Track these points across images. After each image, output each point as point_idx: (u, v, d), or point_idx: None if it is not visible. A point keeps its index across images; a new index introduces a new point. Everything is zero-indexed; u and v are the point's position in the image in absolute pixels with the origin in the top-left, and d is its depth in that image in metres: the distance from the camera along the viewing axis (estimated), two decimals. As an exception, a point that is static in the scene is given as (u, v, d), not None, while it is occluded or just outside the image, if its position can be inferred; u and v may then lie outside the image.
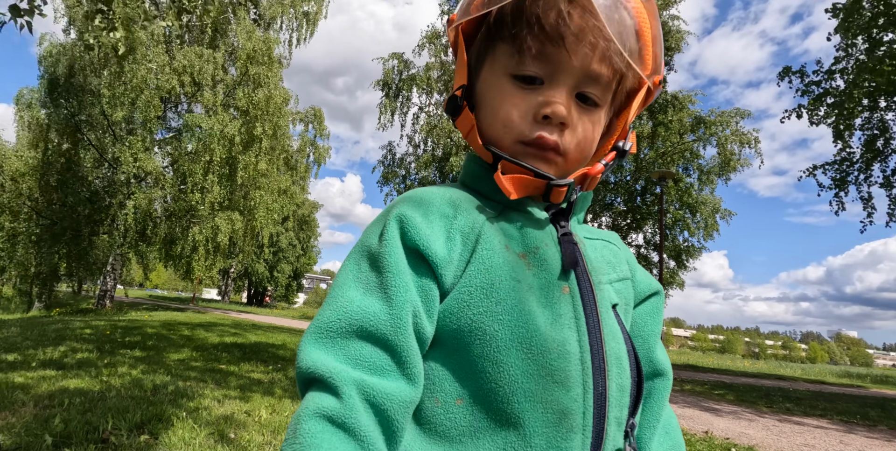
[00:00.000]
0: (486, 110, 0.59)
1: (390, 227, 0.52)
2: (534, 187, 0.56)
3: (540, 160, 0.56)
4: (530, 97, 0.55)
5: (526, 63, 0.55)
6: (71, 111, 14.26)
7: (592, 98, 0.56)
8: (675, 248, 16.50)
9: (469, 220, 0.55)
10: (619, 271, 0.63)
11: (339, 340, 0.46)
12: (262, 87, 14.54)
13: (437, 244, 0.52)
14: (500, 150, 0.57)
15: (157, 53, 13.63)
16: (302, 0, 17.24)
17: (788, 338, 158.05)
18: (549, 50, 0.53)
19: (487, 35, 0.60)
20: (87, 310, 15.91)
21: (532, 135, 0.55)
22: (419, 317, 0.49)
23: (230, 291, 38.17)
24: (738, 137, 15.53)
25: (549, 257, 0.55)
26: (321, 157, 20.61)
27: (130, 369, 5.32)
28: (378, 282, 0.49)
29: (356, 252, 0.54)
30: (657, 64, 0.58)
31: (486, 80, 0.59)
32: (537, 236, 0.56)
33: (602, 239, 0.67)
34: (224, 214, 14.75)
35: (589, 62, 0.54)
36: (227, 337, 9.46)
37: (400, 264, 0.50)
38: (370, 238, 0.53)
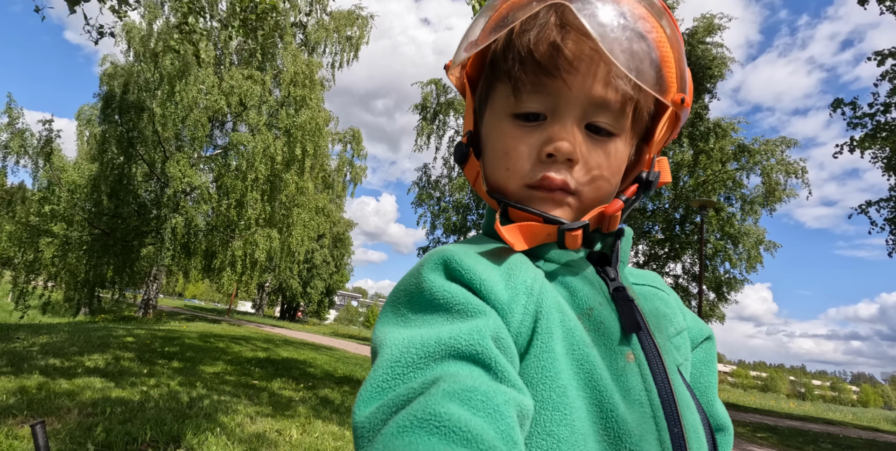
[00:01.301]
0: (490, 155, 0.55)
1: (429, 269, 0.45)
2: (545, 235, 0.51)
3: (549, 203, 0.51)
4: (533, 136, 0.51)
5: (524, 99, 0.51)
6: (125, 128, 15.07)
7: (605, 127, 0.51)
8: (716, 279, 15.95)
9: (529, 272, 0.48)
10: (675, 324, 0.57)
11: (411, 374, 0.37)
12: (304, 108, 15.06)
13: (496, 286, 0.44)
14: (506, 196, 0.53)
15: (208, 75, 14.33)
16: (345, 25, 17.92)
17: (838, 379, 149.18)
18: (547, 82, 0.49)
19: (486, 76, 0.57)
20: (130, 318, 16.49)
21: (537, 176, 0.50)
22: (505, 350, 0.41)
23: (264, 304, 38.88)
24: (784, 167, 15.06)
25: (606, 319, 0.48)
26: (358, 176, 21.03)
27: (168, 380, 5.47)
28: (446, 316, 0.41)
29: (389, 312, 0.45)
30: (681, 80, 0.52)
31: (487, 123, 0.56)
32: (588, 294, 0.50)
33: (648, 284, 0.60)
34: (263, 231, 15.17)
35: (592, 88, 0.49)
36: (260, 352, 9.61)
37: (459, 293, 0.43)
38: (405, 288, 0.46)
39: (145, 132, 15.01)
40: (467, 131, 0.58)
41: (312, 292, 36.24)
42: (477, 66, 0.58)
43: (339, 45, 18.13)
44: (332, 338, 20.23)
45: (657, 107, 0.55)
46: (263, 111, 15.32)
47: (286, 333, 18.84)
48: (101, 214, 15.04)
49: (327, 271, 36.62)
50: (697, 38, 14.13)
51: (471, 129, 0.58)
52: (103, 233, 15.09)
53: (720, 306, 16.33)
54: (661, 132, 0.55)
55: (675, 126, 0.56)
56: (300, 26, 16.01)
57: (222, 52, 15.49)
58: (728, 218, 15.59)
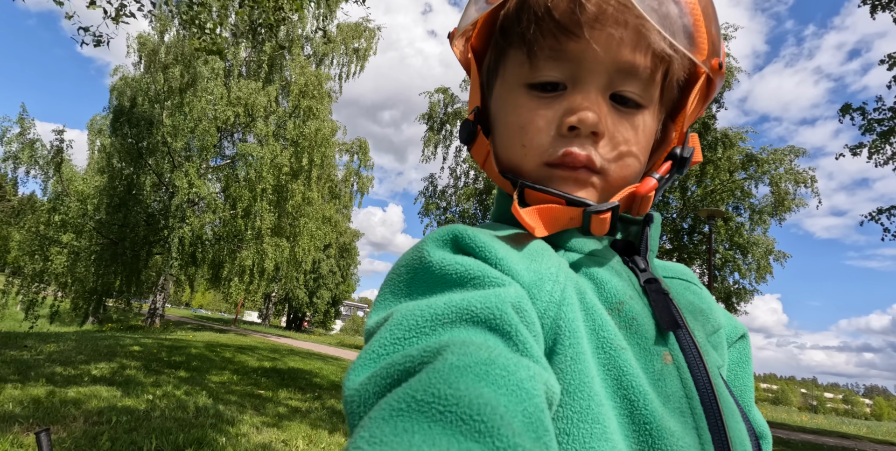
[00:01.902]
0: (502, 131, 0.49)
1: (435, 244, 0.39)
2: (568, 219, 0.45)
3: (572, 183, 0.45)
4: (552, 107, 0.45)
5: (540, 67, 0.45)
6: (135, 138, 15.25)
7: (632, 98, 0.46)
8: (725, 290, 15.79)
9: (553, 260, 0.41)
10: (712, 321, 0.50)
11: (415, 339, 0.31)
12: (311, 119, 15.20)
13: (518, 265, 0.38)
14: (522, 176, 0.47)
15: (217, 86, 14.50)
16: (353, 37, 18.14)
17: (850, 391, 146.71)
18: (568, 45, 0.44)
19: (495, 44, 0.51)
20: (137, 327, 16.53)
21: (558, 152, 0.45)
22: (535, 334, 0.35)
23: (271, 314, 38.89)
24: (793, 176, 14.97)
25: (639, 315, 0.42)
26: (364, 186, 21.13)
27: (174, 390, 5.45)
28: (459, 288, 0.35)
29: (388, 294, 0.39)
30: (713, 45, 0.47)
31: (499, 96, 0.50)
32: (617, 287, 0.43)
33: (679, 277, 0.53)
34: (271, 241, 15.22)
35: (619, 51, 0.43)
36: (266, 362, 9.58)
37: (475, 266, 0.36)
38: (403, 265, 0.40)
39: (154, 143, 15.18)
40: (474, 108, 0.52)
41: (318, 302, 36.22)
42: (483, 37, 0.52)
43: (347, 56, 18.34)
44: (338, 348, 20.16)
45: (688, 75, 0.49)
46: (271, 122, 15.47)
47: (292, 343, 18.80)
48: (111, 224, 15.16)
49: (333, 281, 36.62)
50: (703, 49, 14.15)
51: (478, 105, 0.52)
52: (112, 242, 15.20)
53: (730, 317, 16.15)
54: (693, 104, 0.49)
55: (708, 97, 0.51)
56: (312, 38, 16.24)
57: (231, 63, 15.69)
58: (737, 228, 15.47)
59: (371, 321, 0.37)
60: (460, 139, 0.53)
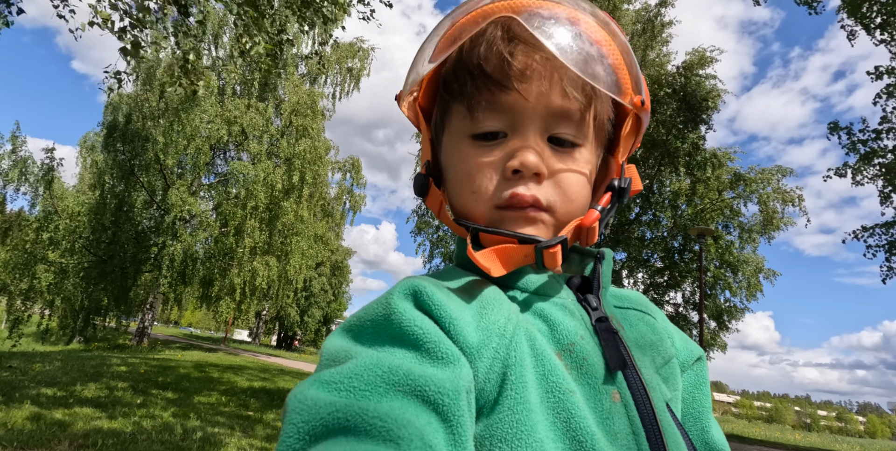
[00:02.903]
0: (453, 180, 0.52)
1: (399, 297, 0.41)
2: (522, 256, 0.47)
3: (522, 222, 0.48)
4: (494, 153, 0.49)
5: (480, 118, 0.49)
6: (128, 156, 15.24)
7: (568, 138, 0.49)
8: (717, 308, 15.85)
9: (503, 310, 0.44)
10: (663, 352, 0.52)
11: (366, 392, 0.34)
12: (304, 137, 15.29)
13: (467, 327, 0.41)
14: (475, 221, 0.50)
15: (211, 104, 14.60)
16: (347, 57, 18.39)
17: (843, 409, 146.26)
18: (502, 97, 0.48)
19: (440, 100, 0.55)
20: (124, 346, 16.27)
21: (505, 195, 0.47)
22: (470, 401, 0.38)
23: (261, 333, 38.41)
24: (781, 195, 15.20)
25: (589, 355, 0.44)
26: (357, 204, 21.16)
27: (162, 411, 5.36)
28: (416, 354, 0.37)
29: (348, 334, 0.41)
30: (636, 84, 0.51)
31: (447, 149, 0.53)
32: (569, 327, 0.46)
33: (634, 308, 0.56)
34: (262, 259, 15.15)
35: (549, 99, 0.48)
36: (256, 382, 9.45)
37: (432, 331, 0.39)
38: (368, 315, 0.41)
39: (147, 160, 15.18)
40: (426, 162, 0.55)
41: (310, 321, 35.86)
42: (428, 96, 0.56)
43: (341, 76, 18.56)
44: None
45: (617, 114, 0.54)
46: (264, 140, 15.55)
47: (283, 362, 18.55)
48: (100, 242, 15.04)
49: (325, 300, 36.33)
50: (692, 71, 14.48)
51: (429, 158, 0.55)
52: (101, 260, 15.05)
53: (721, 335, 16.17)
54: (625, 138, 0.53)
55: (639, 132, 0.55)
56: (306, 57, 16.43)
57: (225, 81, 15.82)
58: (727, 246, 15.62)
59: (333, 344, 0.40)
60: (415, 192, 0.56)
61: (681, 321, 16.16)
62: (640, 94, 0.51)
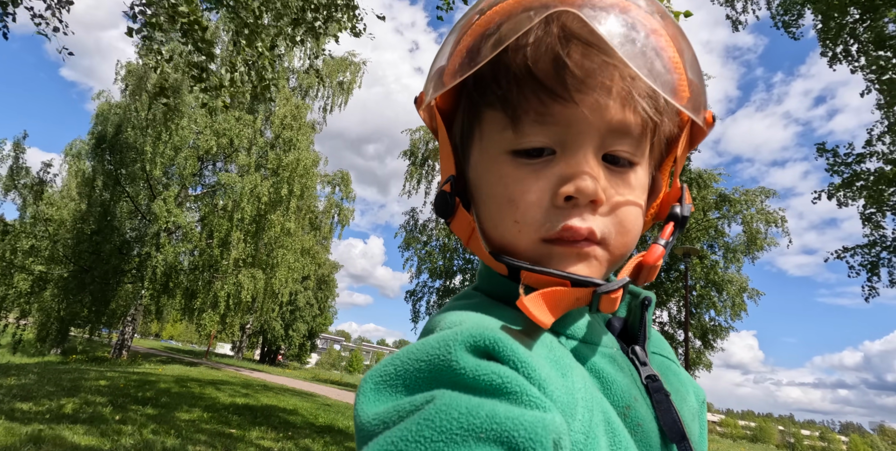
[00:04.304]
0: (488, 205, 0.43)
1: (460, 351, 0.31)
2: (574, 300, 0.39)
3: (574, 259, 0.40)
4: (542, 176, 0.40)
5: (526, 132, 0.41)
6: (114, 165, 15.12)
7: (625, 157, 0.42)
8: (702, 327, 15.97)
9: (574, 371, 0.37)
10: (692, 408, 0.47)
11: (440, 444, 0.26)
12: (293, 150, 15.30)
13: (555, 383, 0.33)
14: (516, 255, 0.42)
15: (201, 115, 14.58)
16: (337, 71, 18.54)
17: (826, 428, 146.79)
18: (554, 109, 0.40)
19: (469, 106, 0.46)
20: (103, 359, 15.89)
21: (556, 227, 0.39)
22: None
23: (244, 347, 37.77)
24: (764, 216, 15.48)
25: (644, 420, 0.39)
26: (345, 218, 21.12)
27: (141, 428, 5.24)
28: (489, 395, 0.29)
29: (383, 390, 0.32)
30: (696, 93, 0.43)
31: (478, 164, 0.45)
32: (624, 388, 0.40)
33: (661, 355, 0.49)
34: (247, 271, 14.99)
35: (610, 112, 0.40)
36: (239, 398, 9.27)
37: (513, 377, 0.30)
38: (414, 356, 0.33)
39: (134, 170, 15.06)
40: (449, 177, 0.46)
41: (294, 335, 35.36)
42: (449, 96, 0.47)
43: (332, 89, 18.68)
44: (312, 383, 19.60)
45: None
46: (253, 152, 15.52)
47: (266, 377, 18.23)
48: (82, 251, 14.80)
49: (311, 314, 35.90)
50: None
51: (453, 173, 0.46)
52: (82, 270, 14.79)
53: (707, 354, 16.25)
54: (681, 154, 0.46)
55: (693, 145, 0.48)
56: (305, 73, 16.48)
57: (217, 94, 15.83)
58: (712, 266, 15.80)
59: (370, 411, 0.31)
60: (436, 213, 0.47)
61: (667, 340, 16.21)
62: (705, 107, 0.44)
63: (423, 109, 0.49)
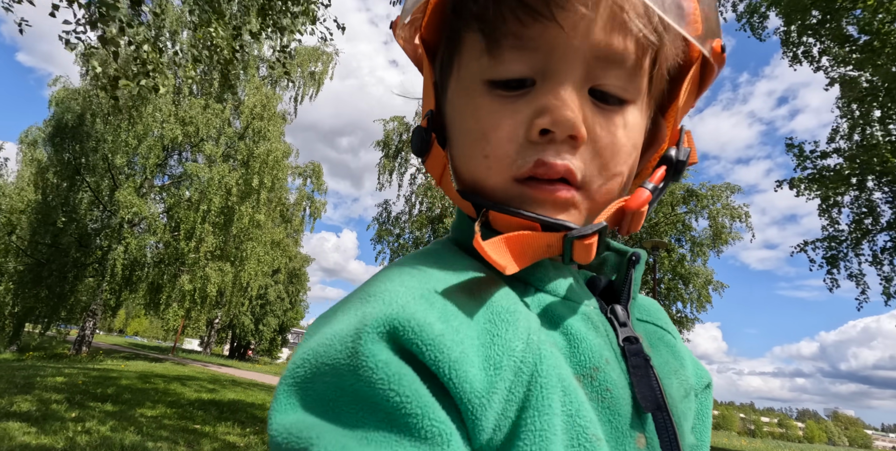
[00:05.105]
0: (460, 140, 0.40)
1: (371, 342, 0.29)
2: (545, 247, 0.35)
3: (549, 205, 0.36)
4: (519, 107, 0.36)
5: (503, 59, 0.36)
6: (73, 154, 14.52)
7: (615, 93, 0.37)
8: (670, 318, 16.40)
9: (520, 329, 0.32)
10: (685, 383, 0.43)
11: None
12: (263, 140, 14.95)
13: (472, 368, 0.30)
14: (485, 195, 0.38)
15: (165, 103, 14.09)
16: (309, 61, 18.17)
17: (784, 415, 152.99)
18: (534, 30, 0.35)
19: (449, 31, 0.41)
20: (62, 355, 15.33)
21: (528, 163, 0.36)
22: None
23: (212, 342, 37.04)
24: (729, 211, 15.89)
25: (614, 385, 0.35)
26: (317, 211, 20.80)
27: (99, 425, 5.05)
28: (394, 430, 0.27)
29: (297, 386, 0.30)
30: (709, 24, 0.37)
31: (454, 97, 0.41)
32: (594, 347, 0.36)
33: (654, 324, 0.46)
34: (215, 264, 14.63)
35: (598, 36, 0.35)
36: (205, 393, 9.06)
37: (413, 397, 0.28)
38: (328, 356, 0.30)
39: (94, 159, 14.50)
40: (428, 112, 0.43)
41: (265, 330, 34.85)
42: (434, 25, 0.43)
43: (303, 79, 18.31)
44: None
45: (680, 62, 0.41)
46: (221, 142, 15.11)
47: (234, 372, 17.91)
48: (38, 244, 14.20)
49: (281, 308, 35.42)
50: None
51: (432, 108, 0.42)
52: (38, 263, 14.20)
53: (673, 345, 16.70)
54: (685, 95, 0.41)
55: (703, 87, 0.43)
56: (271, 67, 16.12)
57: (181, 80, 15.33)
58: (679, 259, 16.16)
59: (280, 424, 0.29)
60: (412, 150, 0.44)
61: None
62: (718, 36, 0.38)
63: (406, 40, 0.44)
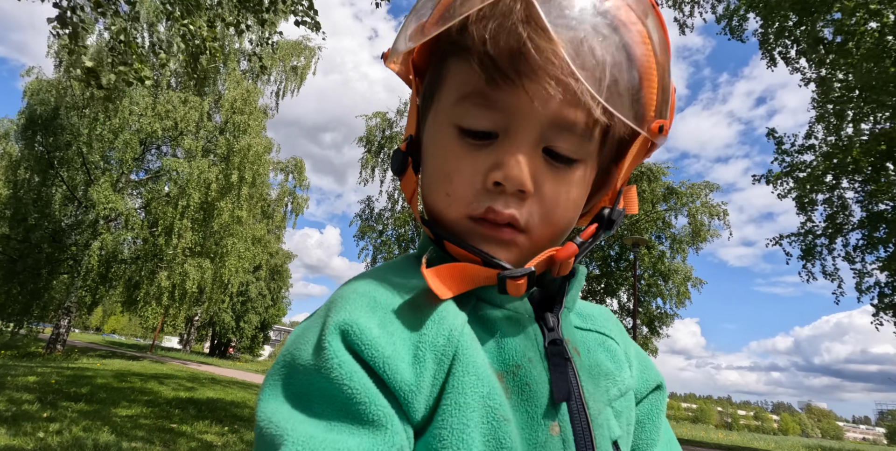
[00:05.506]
0: (429, 172, 0.46)
1: (331, 341, 0.37)
2: (483, 278, 0.42)
3: (493, 242, 0.42)
4: (480, 157, 0.41)
5: (473, 113, 0.41)
6: (46, 148, 14.14)
7: (565, 154, 0.42)
8: (649, 314, 16.59)
9: (444, 328, 0.39)
10: (620, 383, 0.48)
11: None
12: (244, 135, 14.71)
13: (402, 363, 0.37)
14: (443, 225, 0.44)
15: (143, 96, 13.78)
16: (291, 55, 17.93)
17: (760, 408, 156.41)
18: (504, 94, 0.40)
19: (435, 58, 0.46)
20: (36, 354, 14.97)
21: (481, 207, 0.41)
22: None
23: (192, 340, 36.53)
24: (708, 209, 16.14)
25: (534, 381, 0.41)
26: (299, 207, 20.58)
27: (71, 425, 4.94)
28: (348, 417, 0.35)
29: (284, 385, 0.38)
30: (662, 102, 0.42)
31: (430, 130, 0.46)
32: (518, 347, 0.42)
33: (597, 331, 0.51)
34: (194, 261, 14.39)
35: (555, 106, 0.39)
36: (183, 391, 8.93)
37: (361, 388, 0.36)
38: (300, 358, 0.38)
39: (68, 153, 14.13)
40: (408, 136, 0.48)
41: (246, 327, 34.47)
42: (425, 55, 0.48)
43: (285, 74, 18.06)
44: (264, 376, 19.16)
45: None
46: (201, 136, 14.84)
47: (214, 370, 17.71)
48: (10, 239, 13.83)
49: (263, 305, 35.06)
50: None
51: (412, 133, 0.48)
52: (10, 259, 13.83)
53: (653, 341, 16.90)
54: (631, 160, 0.45)
55: (648, 153, 0.47)
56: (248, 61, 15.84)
57: (160, 73, 15.00)
58: (659, 256, 16.37)
59: (265, 411, 0.37)
60: (391, 169, 0.50)
61: (615, 327, 16.79)
62: (664, 115, 0.43)
63: (396, 64, 0.49)
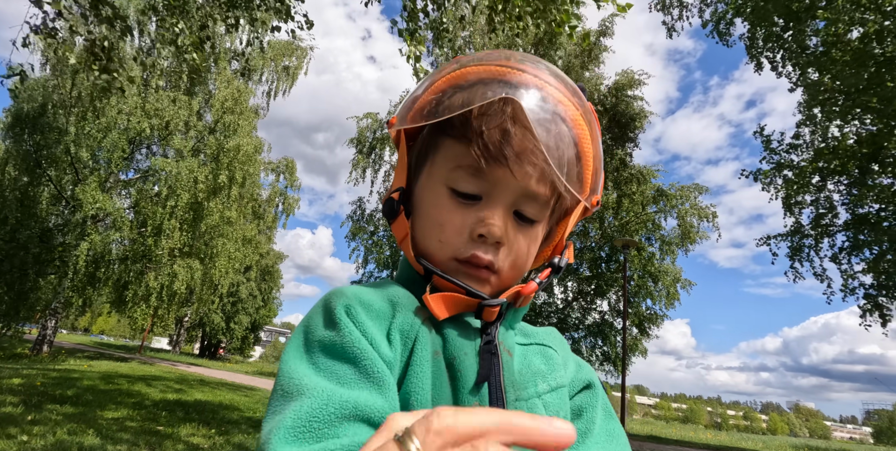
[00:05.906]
0: (422, 221, 0.57)
1: (341, 316, 0.48)
2: (465, 305, 0.54)
3: (472, 279, 0.55)
4: (468, 214, 0.54)
5: (464, 180, 0.54)
6: (33, 146, 13.97)
7: (529, 216, 0.56)
8: (639, 315, 16.65)
9: (408, 319, 0.52)
10: (551, 380, 0.58)
11: (326, 430, 0.39)
12: (234, 135, 14.62)
13: (383, 344, 0.49)
14: (432, 264, 0.55)
15: (131, 95, 13.65)
16: (283, 55, 17.85)
17: (749, 408, 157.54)
18: (491, 169, 0.52)
19: (431, 132, 0.58)
20: (21, 356, 14.78)
21: (467, 253, 0.54)
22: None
23: (182, 341, 36.21)
24: (697, 211, 16.24)
25: (466, 369, 0.52)
26: (290, 207, 20.48)
27: (56, 428, 4.88)
28: (356, 372, 0.45)
29: (303, 346, 0.48)
30: (595, 183, 0.58)
31: (424, 186, 0.58)
32: (461, 344, 0.53)
33: (537, 343, 0.62)
34: (183, 261, 14.28)
35: (528, 182, 0.53)
36: (171, 393, 8.86)
37: (367, 351, 0.46)
38: (316, 330, 0.49)
39: (56, 151, 13.97)
40: (398, 188, 0.59)
41: (236, 328, 34.20)
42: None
43: (276, 74, 17.97)
44: (255, 377, 19.06)
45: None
46: (190, 136, 14.73)
47: (203, 372, 17.58)
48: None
49: (253, 306, 34.82)
50: (622, 92, 15.22)
51: (403, 185, 0.59)
52: (-3, 260, 13.65)
53: (643, 341, 16.97)
54: (574, 218, 0.60)
55: (585, 214, 0.62)
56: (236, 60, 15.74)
57: (149, 72, 14.88)
58: (649, 257, 16.45)
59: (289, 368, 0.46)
60: (383, 214, 0.59)
61: (606, 328, 16.80)
62: (597, 191, 0.59)
63: (392, 130, 0.60)
